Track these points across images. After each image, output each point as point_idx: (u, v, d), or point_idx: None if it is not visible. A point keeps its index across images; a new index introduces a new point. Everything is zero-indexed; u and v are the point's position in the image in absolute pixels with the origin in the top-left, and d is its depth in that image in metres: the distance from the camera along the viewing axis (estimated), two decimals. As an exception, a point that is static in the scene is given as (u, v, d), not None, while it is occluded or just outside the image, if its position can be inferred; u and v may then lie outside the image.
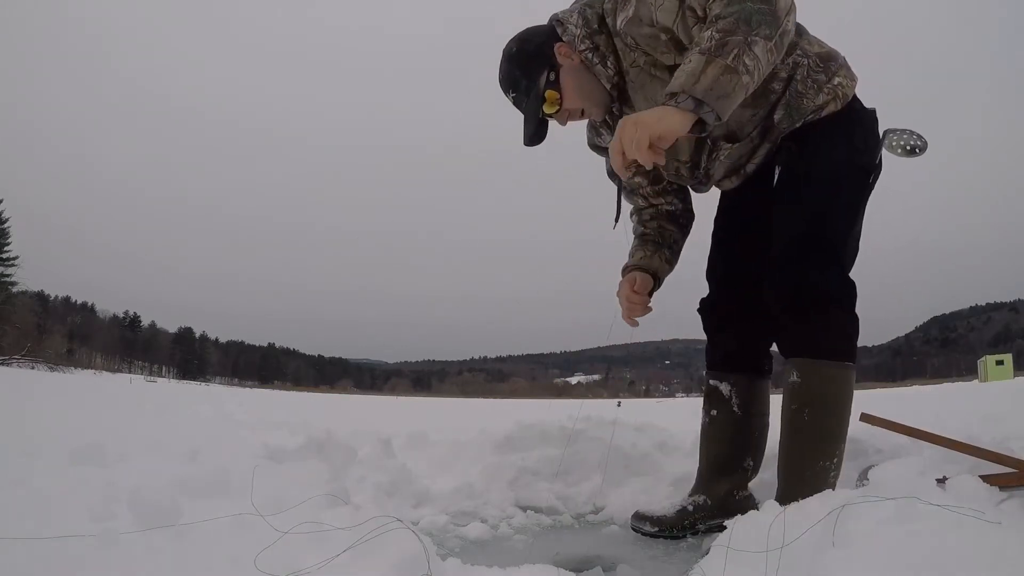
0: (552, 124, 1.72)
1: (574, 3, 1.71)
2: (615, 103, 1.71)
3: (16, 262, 50.72)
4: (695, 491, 1.89)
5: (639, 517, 1.84)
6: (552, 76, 1.65)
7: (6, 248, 50.74)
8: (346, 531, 1.04)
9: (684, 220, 1.97)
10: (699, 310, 1.94)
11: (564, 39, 1.66)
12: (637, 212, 1.99)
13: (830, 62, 1.63)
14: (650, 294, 1.88)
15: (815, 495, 1.12)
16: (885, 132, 1.66)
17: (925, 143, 1.63)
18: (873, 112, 1.69)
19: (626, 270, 1.91)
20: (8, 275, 49.56)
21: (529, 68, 1.67)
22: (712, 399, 1.89)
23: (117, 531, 1.04)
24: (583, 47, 1.64)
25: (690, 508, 1.83)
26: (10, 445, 1.91)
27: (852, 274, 1.64)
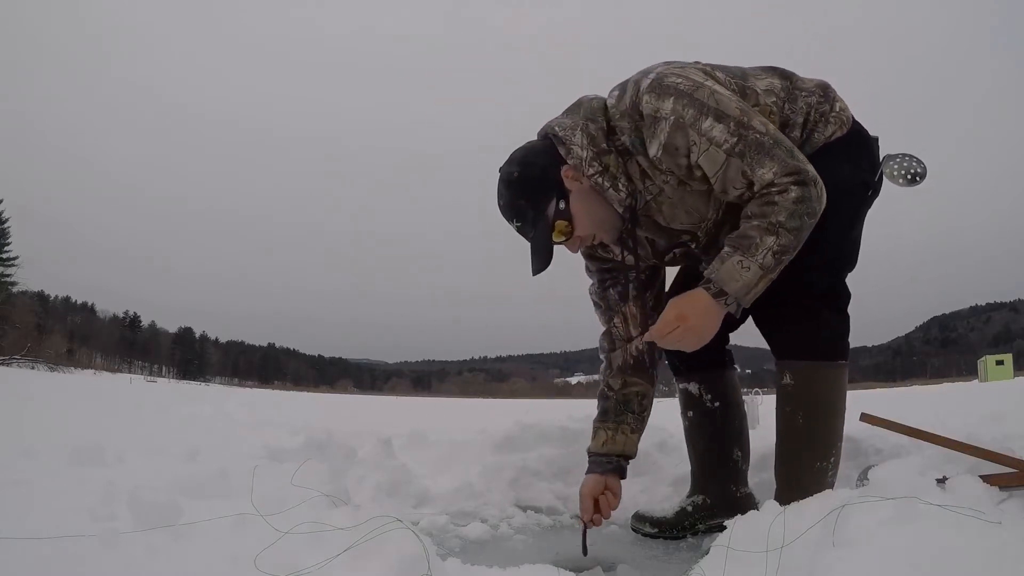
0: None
1: (569, 116, 1.58)
2: (626, 224, 1.60)
3: (16, 262, 50.80)
4: (692, 492, 1.89)
5: (639, 518, 1.84)
6: (562, 205, 1.53)
7: (6, 248, 50.78)
8: (346, 531, 1.04)
9: (650, 362, 1.77)
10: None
11: (570, 162, 1.53)
12: (606, 352, 1.80)
13: (827, 90, 1.64)
14: (623, 476, 1.73)
15: (815, 495, 1.12)
16: (884, 159, 1.64)
17: (925, 169, 1.61)
18: (876, 139, 1.69)
19: (589, 455, 1.75)
20: (8, 275, 49.59)
21: (536, 197, 1.54)
22: (686, 402, 1.91)
23: (117, 531, 1.04)
24: (592, 171, 1.52)
25: (689, 508, 1.84)
26: (10, 445, 1.91)
27: (851, 275, 1.64)
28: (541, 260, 1.55)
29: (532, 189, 1.54)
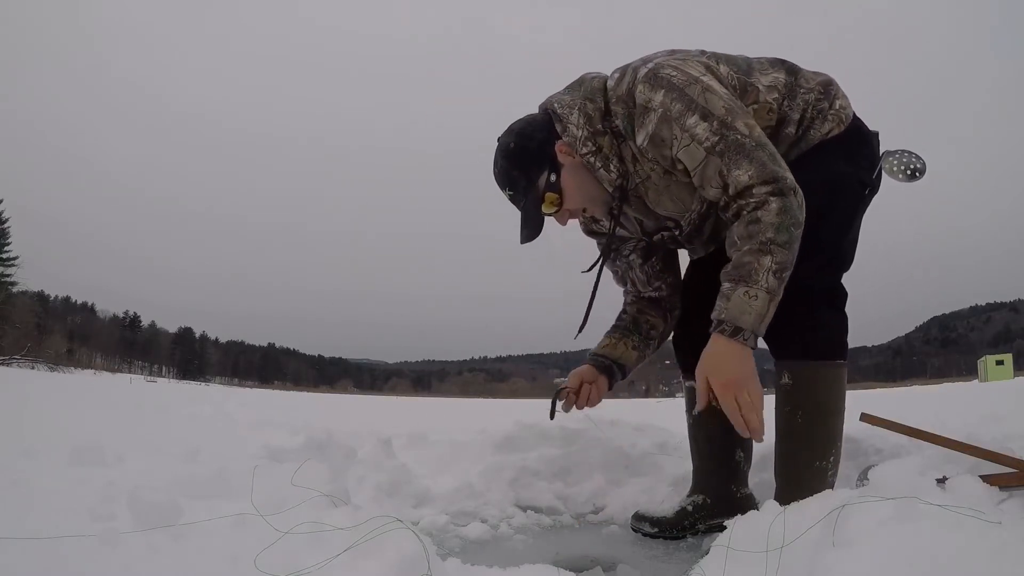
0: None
1: (570, 93, 1.63)
2: (615, 201, 1.64)
3: (16, 262, 50.83)
4: (693, 491, 1.89)
5: (639, 518, 1.84)
6: (553, 177, 1.60)
7: (6, 248, 50.81)
8: (346, 531, 1.04)
9: (668, 306, 1.93)
10: None
11: (564, 139, 1.59)
12: (624, 294, 1.99)
13: (829, 87, 1.65)
14: (611, 385, 1.91)
15: (815, 495, 1.12)
16: (884, 154, 1.64)
17: (924, 165, 1.61)
18: (876, 135, 1.69)
19: (589, 356, 1.93)
20: (8, 275, 49.61)
21: (529, 169, 1.60)
22: (691, 399, 1.89)
23: (117, 531, 1.04)
24: (585, 150, 1.57)
25: (689, 508, 1.84)
26: (10, 445, 1.91)
27: (851, 275, 1.64)
28: (530, 230, 1.63)
29: (527, 161, 1.61)
